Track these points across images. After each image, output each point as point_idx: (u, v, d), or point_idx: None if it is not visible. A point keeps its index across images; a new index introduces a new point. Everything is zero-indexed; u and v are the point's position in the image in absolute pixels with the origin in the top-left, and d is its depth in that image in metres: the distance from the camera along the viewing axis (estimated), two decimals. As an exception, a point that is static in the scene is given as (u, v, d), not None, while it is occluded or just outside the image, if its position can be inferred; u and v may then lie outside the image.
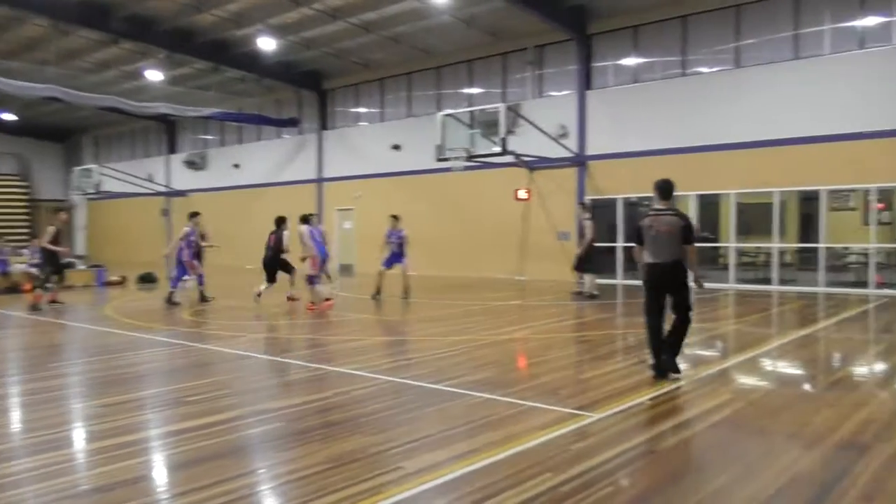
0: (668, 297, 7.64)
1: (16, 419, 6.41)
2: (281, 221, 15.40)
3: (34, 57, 25.61)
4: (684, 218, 7.54)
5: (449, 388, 7.10)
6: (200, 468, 4.82)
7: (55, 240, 15.23)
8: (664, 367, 7.49)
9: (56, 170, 42.03)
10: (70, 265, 21.08)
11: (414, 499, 4.27)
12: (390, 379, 7.61)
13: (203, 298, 15.79)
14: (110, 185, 32.09)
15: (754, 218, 19.03)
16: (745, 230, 18.88)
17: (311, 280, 14.30)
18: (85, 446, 5.59)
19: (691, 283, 7.65)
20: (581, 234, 15.97)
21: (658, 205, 7.64)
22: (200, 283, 16.02)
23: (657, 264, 7.52)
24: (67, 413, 6.61)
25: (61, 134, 41.39)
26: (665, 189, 7.65)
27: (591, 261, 16.14)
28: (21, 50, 25.18)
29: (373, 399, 6.79)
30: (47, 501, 4.29)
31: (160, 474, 4.92)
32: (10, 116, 35.13)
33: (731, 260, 18.83)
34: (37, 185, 41.50)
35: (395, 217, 16.36)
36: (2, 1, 20.07)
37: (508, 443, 5.26)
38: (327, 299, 14.39)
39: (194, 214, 16.22)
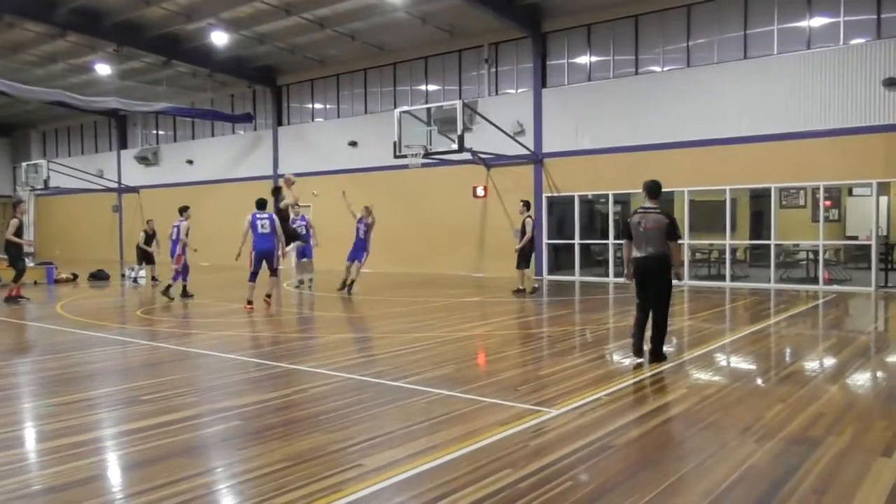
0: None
1: (-37, 421, 6.25)
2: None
3: (-24, 50, 24.98)
4: (669, 216, 8.16)
5: (408, 385, 7.10)
6: (156, 467, 4.74)
7: (19, 232, 15.25)
8: (651, 359, 8.25)
9: (2, 165, 40.98)
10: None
11: (374, 496, 4.25)
12: (350, 376, 7.58)
13: (166, 292, 15.65)
14: (59, 181, 31.46)
15: (706, 215, 19.32)
16: (697, 227, 19.17)
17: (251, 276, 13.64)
18: (37, 446, 5.47)
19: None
20: (522, 233, 16.30)
21: (646, 203, 8.28)
22: (175, 279, 15.99)
23: (644, 257, 8.18)
24: (19, 412, 6.46)
25: (7, 128, 40.33)
26: (653, 189, 8.30)
27: (529, 258, 16.57)
28: (-38, 42, 24.53)
29: (332, 396, 6.75)
30: (-2, 504, 4.20)
31: (115, 474, 4.83)
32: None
33: (685, 256, 19.08)
34: (-19, 181, 40.49)
35: (367, 208, 16.57)
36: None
37: (468, 439, 5.27)
38: (249, 302, 13.54)
39: (185, 209, 16.51)
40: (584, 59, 20.82)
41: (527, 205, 16.74)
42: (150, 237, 19.88)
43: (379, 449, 5.09)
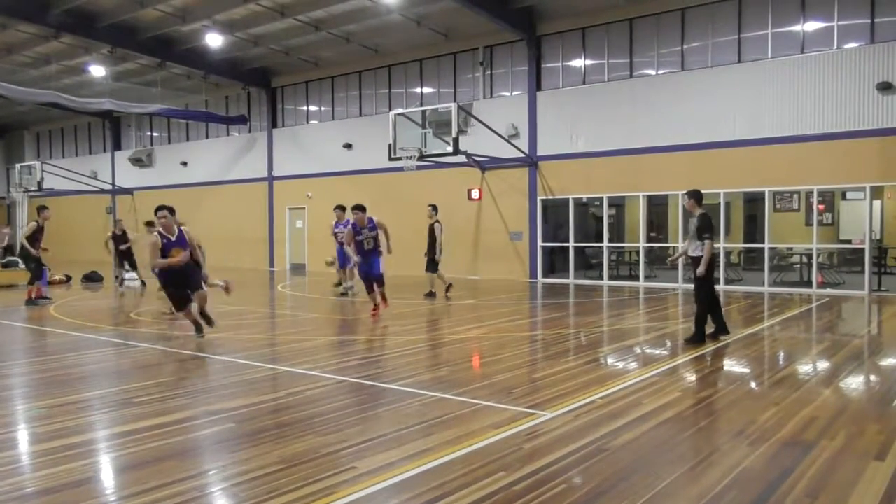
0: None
1: (-45, 423, 6.22)
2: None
3: (-30, 51, 24.90)
4: None
5: (402, 388, 7.09)
6: (149, 470, 4.73)
7: (32, 236, 15.25)
8: (724, 330, 10.20)
9: (-4, 166, 40.94)
10: (14, 263, 20.67)
11: (367, 499, 4.25)
12: (343, 379, 7.57)
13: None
14: (53, 183, 31.36)
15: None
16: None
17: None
18: (30, 448, 5.44)
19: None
20: (431, 238, 16.40)
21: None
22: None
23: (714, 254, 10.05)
24: (12, 415, 6.43)
25: (1, 129, 40.21)
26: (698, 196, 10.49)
27: (437, 261, 16.64)
28: (-45, 44, 24.44)
29: (326, 399, 6.75)
30: (-10, 507, 4.18)
31: (108, 476, 4.81)
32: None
33: (679, 260, 19.06)
34: (-25, 182, 40.32)
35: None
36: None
37: (462, 442, 5.27)
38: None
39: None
40: (578, 63, 20.84)
41: (434, 208, 16.78)
42: (118, 238, 19.01)
43: (373, 451, 5.08)
